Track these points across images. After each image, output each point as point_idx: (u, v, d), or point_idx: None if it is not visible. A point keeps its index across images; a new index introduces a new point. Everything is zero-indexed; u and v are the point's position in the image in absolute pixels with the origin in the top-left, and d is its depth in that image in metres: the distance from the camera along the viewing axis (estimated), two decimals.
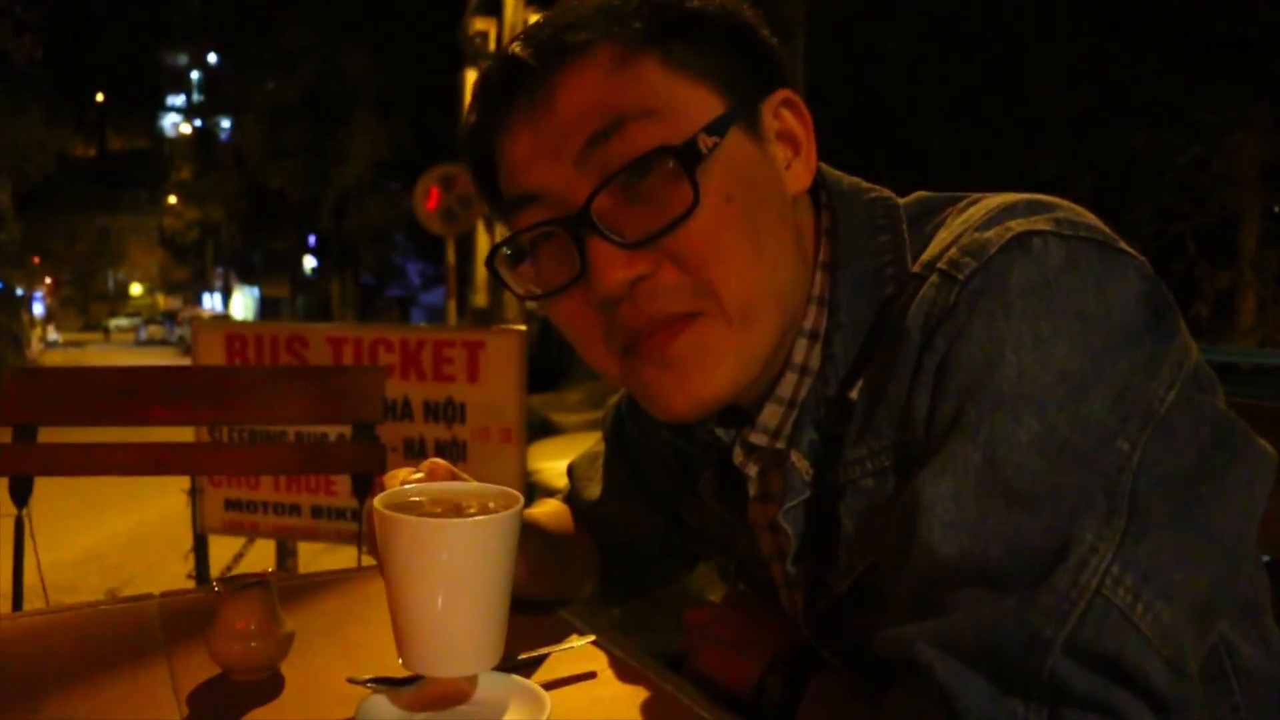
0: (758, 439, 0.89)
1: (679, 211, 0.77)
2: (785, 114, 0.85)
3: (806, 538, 0.86)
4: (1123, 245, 0.74)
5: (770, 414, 0.88)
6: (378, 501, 0.80)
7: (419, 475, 0.89)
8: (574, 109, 0.79)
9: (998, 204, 0.79)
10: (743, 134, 0.81)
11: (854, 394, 0.82)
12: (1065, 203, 0.78)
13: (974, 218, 0.79)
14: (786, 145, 0.86)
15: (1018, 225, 0.74)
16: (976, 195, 0.84)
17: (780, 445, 0.88)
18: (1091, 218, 0.77)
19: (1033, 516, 0.66)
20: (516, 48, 0.82)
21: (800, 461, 0.85)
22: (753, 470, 0.92)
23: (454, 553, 0.77)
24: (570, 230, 0.79)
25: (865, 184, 0.90)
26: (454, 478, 0.90)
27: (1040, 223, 0.74)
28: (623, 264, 0.78)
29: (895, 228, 0.85)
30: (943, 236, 0.81)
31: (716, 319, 0.80)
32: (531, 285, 0.87)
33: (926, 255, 0.80)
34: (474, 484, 0.88)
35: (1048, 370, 0.69)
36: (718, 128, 0.78)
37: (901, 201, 0.88)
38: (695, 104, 0.79)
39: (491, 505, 0.82)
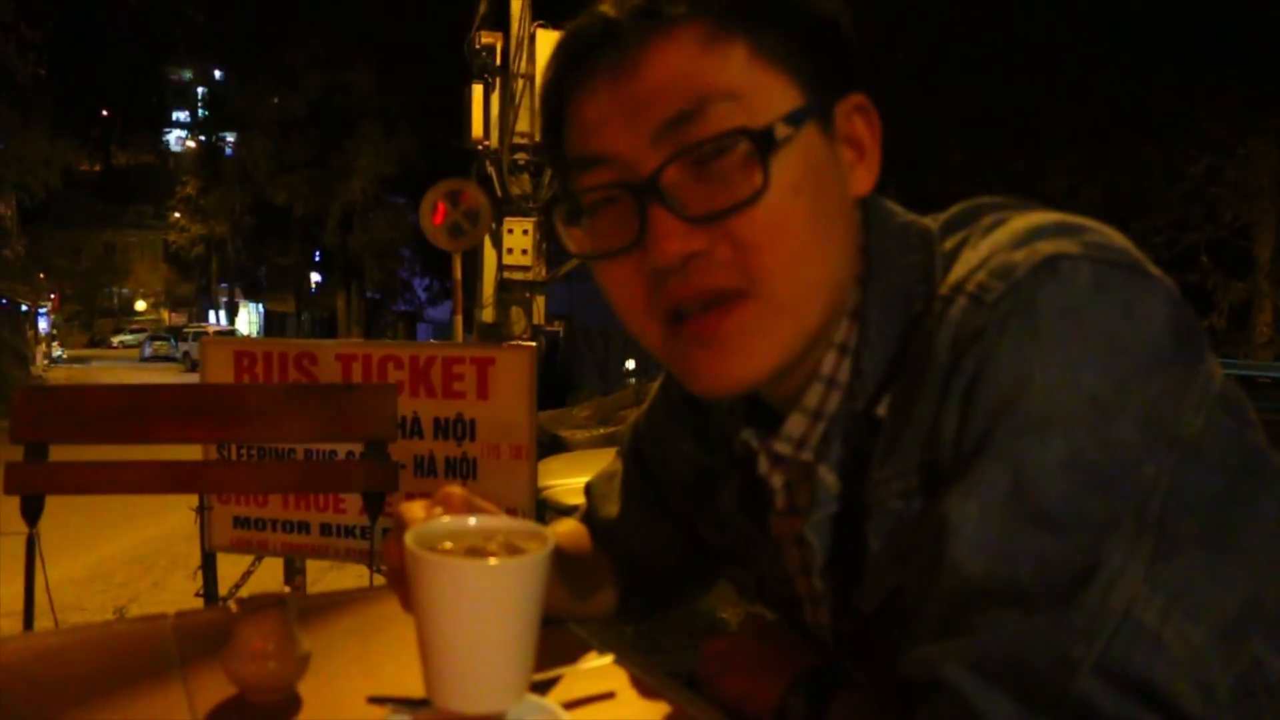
0: (782, 448, 0.89)
1: (746, 195, 0.77)
2: (856, 119, 0.86)
3: (833, 553, 0.86)
4: (1151, 269, 0.74)
5: (795, 423, 0.88)
6: (408, 538, 0.78)
7: (439, 510, 0.88)
8: (659, 81, 0.79)
9: (1025, 226, 0.78)
10: (816, 130, 0.82)
11: (880, 411, 0.82)
12: (1094, 224, 0.78)
13: (1001, 240, 0.78)
14: (853, 149, 0.86)
15: (1046, 248, 0.74)
16: (1000, 214, 0.84)
17: (806, 457, 0.88)
18: (1120, 240, 0.76)
19: (1060, 538, 0.66)
20: (608, 7, 0.82)
21: (828, 475, 0.85)
22: (778, 481, 0.92)
23: (483, 594, 0.76)
24: (635, 196, 0.80)
25: (901, 208, 0.90)
26: (469, 506, 0.90)
27: (1069, 245, 0.74)
28: (681, 237, 0.79)
29: (927, 248, 0.85)
30: (969, 257, 0.80)
31: (764, 302, 0.80)
32: (585, 245, 0.87)
33: (953, 277, 0.80)
34: (506, 519, 0.87)
35: (1076, 393, 0.68)
36: (794, 119, 0.79)
37: (934, 226, 0.88)
38: (776, 94, 0.80)
39: (523, 545, 0.81)
